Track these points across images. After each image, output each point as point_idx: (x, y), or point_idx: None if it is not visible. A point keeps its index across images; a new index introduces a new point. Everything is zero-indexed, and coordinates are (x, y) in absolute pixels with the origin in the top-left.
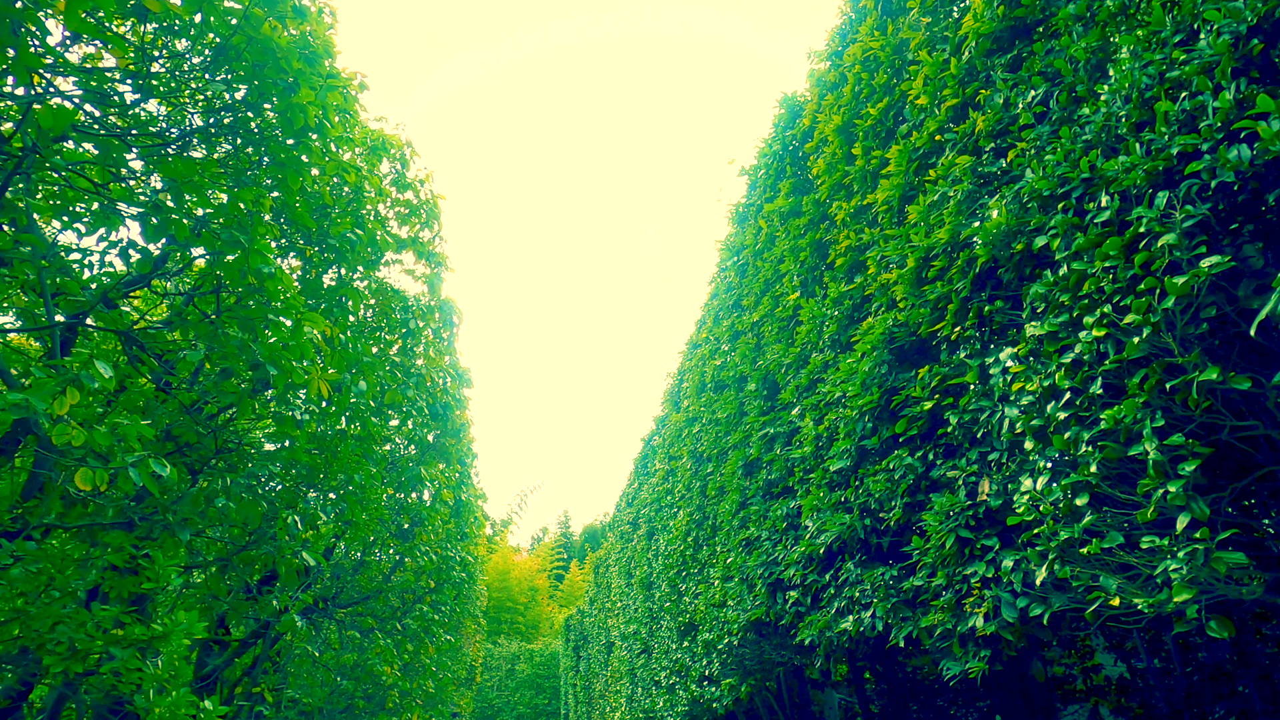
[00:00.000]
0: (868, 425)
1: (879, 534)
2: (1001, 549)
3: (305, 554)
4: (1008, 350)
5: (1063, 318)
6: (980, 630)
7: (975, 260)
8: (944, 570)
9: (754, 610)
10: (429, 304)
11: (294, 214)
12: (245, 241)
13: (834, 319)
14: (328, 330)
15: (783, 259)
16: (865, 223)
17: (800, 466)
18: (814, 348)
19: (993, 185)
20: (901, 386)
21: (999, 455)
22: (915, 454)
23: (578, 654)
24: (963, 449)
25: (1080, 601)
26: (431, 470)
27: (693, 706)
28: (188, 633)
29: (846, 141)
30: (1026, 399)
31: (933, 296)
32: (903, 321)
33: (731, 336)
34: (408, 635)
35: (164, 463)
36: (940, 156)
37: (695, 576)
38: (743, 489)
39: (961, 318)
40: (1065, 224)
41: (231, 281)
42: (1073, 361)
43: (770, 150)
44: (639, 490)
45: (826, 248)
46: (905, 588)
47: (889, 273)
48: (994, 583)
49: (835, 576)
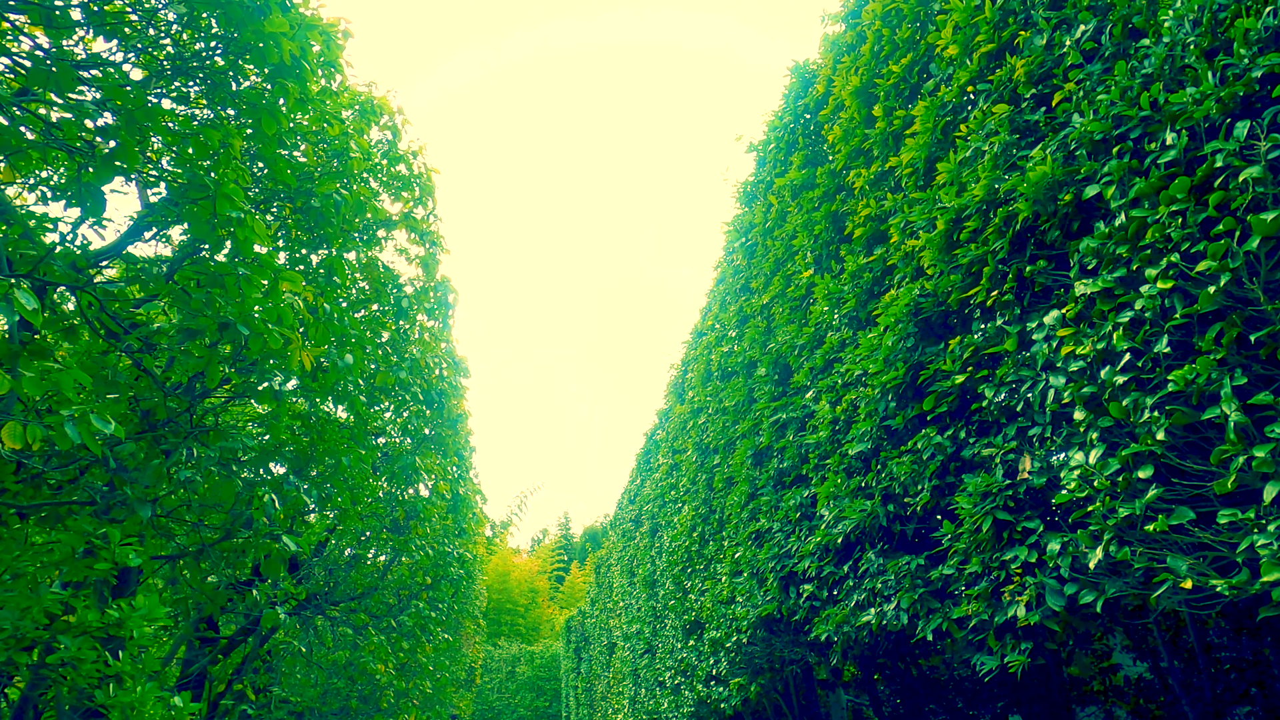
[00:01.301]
0: (891, 404)
1: (903, 520)
2: (1046, 531)
3: (287, 539)
4: (1053, 314)
5: (1119, 272)
6: (1022, 620)
7: (1015, 217)
8: (979, 557)
9: (765, 606)
10: (424, 285)
11: (272, 166)
12: (211, 184)
13: (852, 294)
14: (309, 295)
15: (795, 235)
16: (887, 189)
17: (815, 453)
18: (830, 327)
19: (1034, 135)
20: (929, 361)
21: (1041, 429)
22: (944, 433)
23: (579, 655)
24: (999, 425)
25: (1141, 586)
26: (427, 461)
27: (699, 707)
28: (148, 618)
29: (865, 104)
30: (1076, 365)
31: (965, 260)
32: (930, 291)
33: (739, 321)
34: (403, 633)
35: (107, 418)
36: (972, 110)
37: (701, 573)
38: (752, 479)
39: (998, 281)
40: (1121, 169)
41: (195, 230)
42: (1131, 320)
43: (780, 123)
44: (641, 486)
45: (843, 220)
46: (933, 577)
47: (914, 239)
48: (1038, 568)
49: (855, 568)
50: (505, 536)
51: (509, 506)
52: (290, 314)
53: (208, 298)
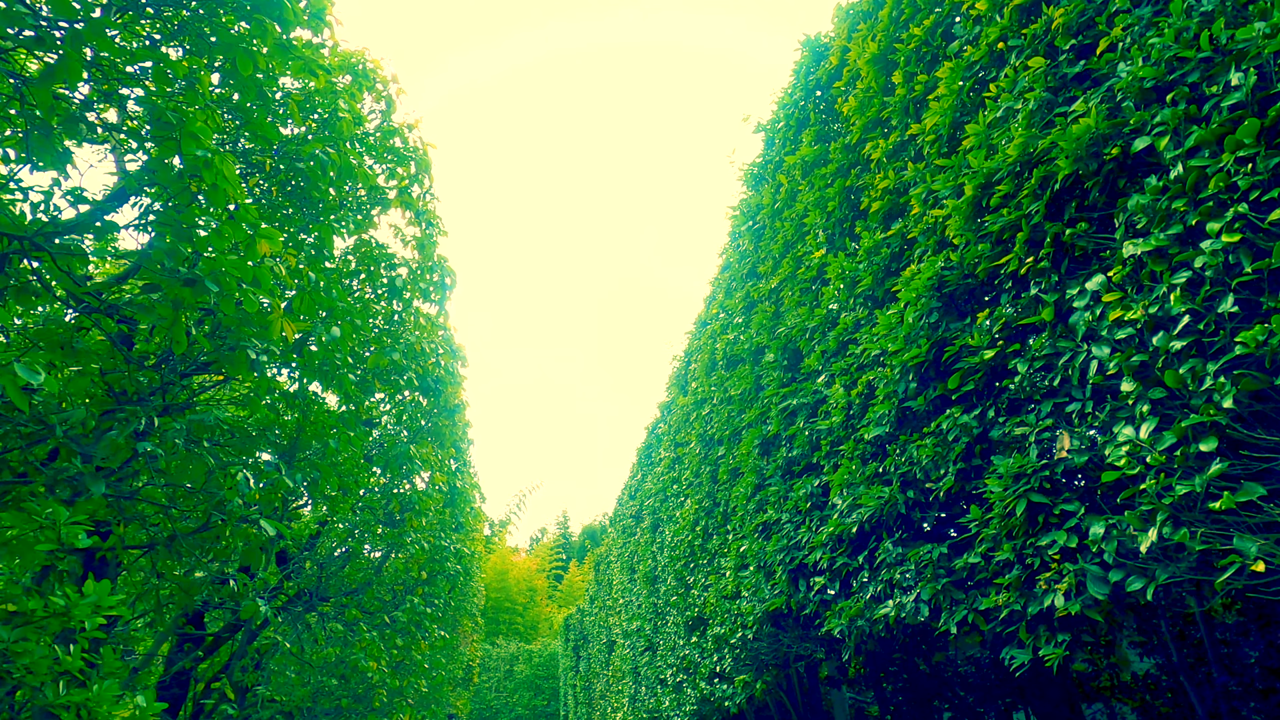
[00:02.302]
0: (911, 385)
1: (923, 507)
2: (1087, 514)
3: (266, 524)
4: (1097, 279)
5: (1174, 229)
6: (1060, 610)
7: (1053, 177)
8: (1010, 543)
9: (772, 600)
10: (419, 265)
11: (248, 116)
12: (174, 119)
13: (868, 272)
14: (291, 260)
15: (806, 213)
16: (907, 159)
17: (828, 439)
18: (844, 307)
19: (1073, 90)
20: (954, 337)
21: (1080, 405)
22: (971, 412)
23: (577, 654)
24: (1033, 402)
25: (1199, 570)
26: (423, 451)
27: (701, 705)
28: (98, 606)
29: (884, 72)
30: (1124, 332)
31: (995, 227)
32: (955, 263)
33: (745, 308)
34: (397, 629)
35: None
36: (1002, 69)
37: (704, 568)
38: (759, 470)
39: (1033, 248)
40: (1176, 117)
41: (161, 176)
42: (1189, 280)
43: (790, 100)
44: (642, 481)
45: (859, 195)
46: (957, 566)
47: (938, 209)
48: (1079, 554)
49: (870, 558)
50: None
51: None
52: (269, 276)
53: (169, 250)
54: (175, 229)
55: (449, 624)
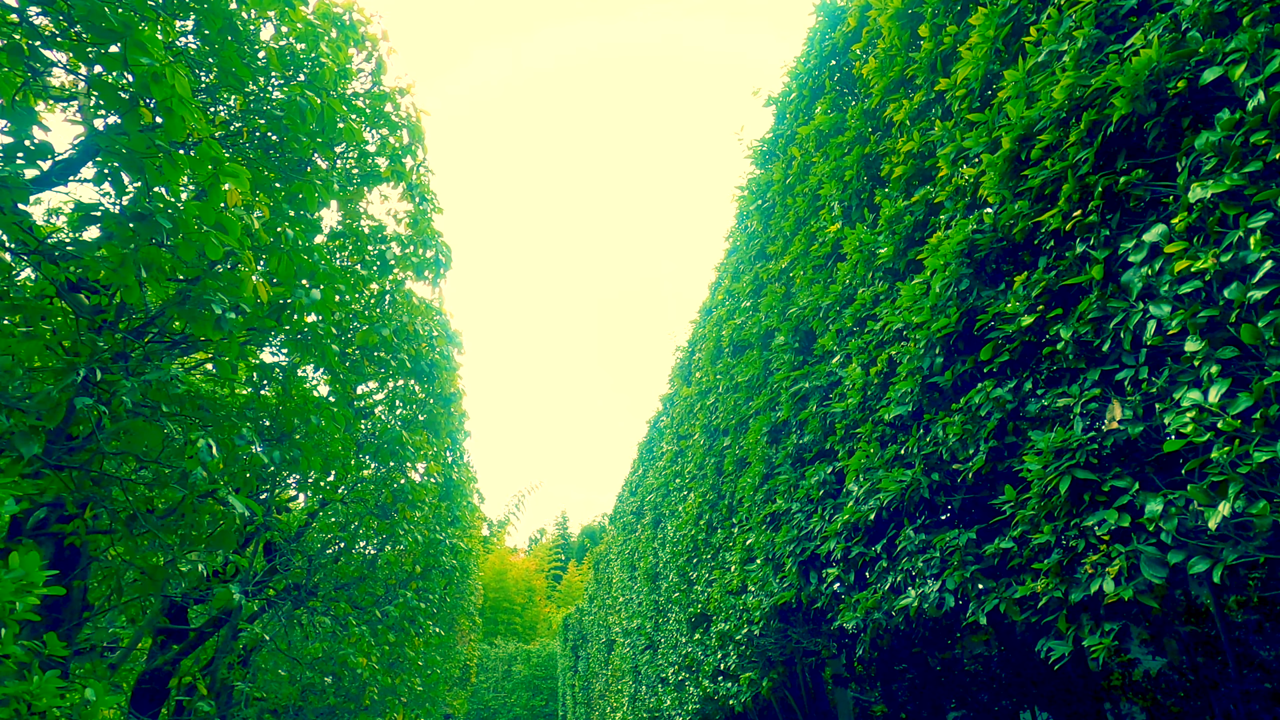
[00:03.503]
0: (937, 359)
1: (949, 490)
2: (1141, 490)
3: (235, 500)
4: (1156, 229)
5: (1253, 165)
6: (1110, 596)
7: (1106, 120)
8: (1050, 525)
9: (781, 594)
10: (412, 239)
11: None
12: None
13: (889, 242)
14: (264, 209)
15: (820, 186)
16: (934, 118)
17: (843, 423)
18: (861, 282)
19: (1126, 27)
20: (986, 305)
21: (1134, 371)
22: (1005, 385)
23: (576, 654)
24: (1077, 372)
25: (1274, 548)
26: (416, 439)
27: (704, 704)
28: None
29: (908, 27)
30: (1188, 286)
31: (1036, 182)
32: (988, 225)
33: (754, 291)
34: (389, 624)
35: None
36: (1044, 10)
37: (708, 563)
38: (768, 458)
39: (1081, 200)
40: (1254, 41)
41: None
42: (1270, 223)
43: (803, 68)
44: (644, 476)
45: (878, 162)
46: (988, 552)
47: (970, 168)
48: (1133, 533)
49: (889, 547)
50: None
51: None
52: (236, 224)
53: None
54: (125, 159)
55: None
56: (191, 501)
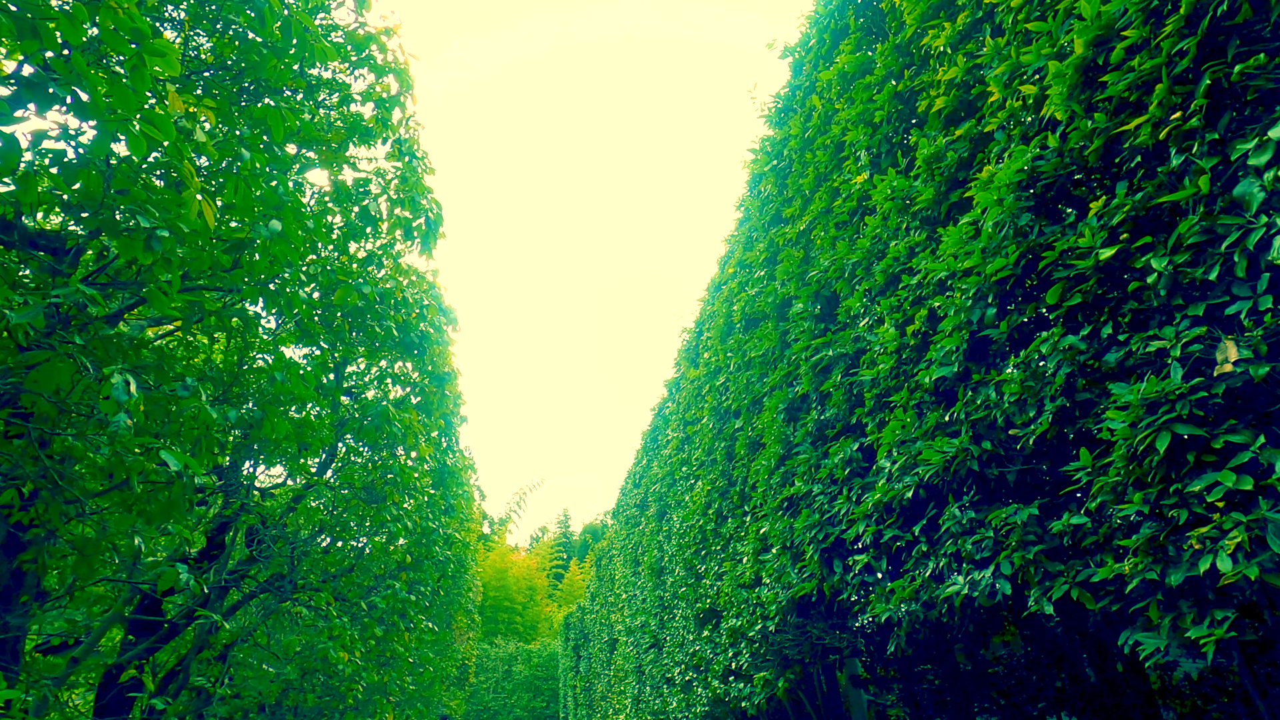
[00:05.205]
0: (989, 310)
1: (1002, 461)
2: (1268, 445)
3: (169, 455)
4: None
5: None
6: (1228, 576)
7: (1212, 1)
8: (1141, 492)
9: (801, 585)
10: (400, 195)
11: None
12: None
13: (928, 185)
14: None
15: (845, 133)
16: (981, 39)
17: (872, 392)
18: (894, 234)
19: None
20: (1052, 241)
21: (1251, 301)
22: (1078, 332)
23: (578, 653)
24: (1172, 309)
25: None
26: (405, 417)
27: (714, 706)
28: None
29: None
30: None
31: (1119, 88)
32: (1053, 149)
33: (768, 259)
34: (375, 617)
35: None
36: None
37: (718, 554)
38: (785, 438)
39: (1180, 103)
40: None
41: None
42: None
43: (824, 10)
44: (648, 467)
45: (913, 99)
46: (1055, 530)
47: (1030, 85)
48: (1259, 497)
49: (930, 528)
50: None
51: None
52: (171, 128)
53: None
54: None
55: (440, 617)
56: (111, 453)
